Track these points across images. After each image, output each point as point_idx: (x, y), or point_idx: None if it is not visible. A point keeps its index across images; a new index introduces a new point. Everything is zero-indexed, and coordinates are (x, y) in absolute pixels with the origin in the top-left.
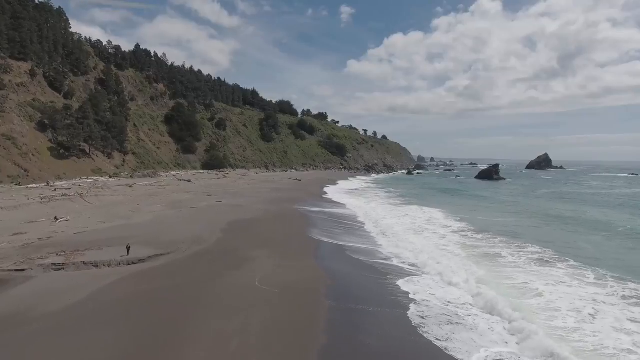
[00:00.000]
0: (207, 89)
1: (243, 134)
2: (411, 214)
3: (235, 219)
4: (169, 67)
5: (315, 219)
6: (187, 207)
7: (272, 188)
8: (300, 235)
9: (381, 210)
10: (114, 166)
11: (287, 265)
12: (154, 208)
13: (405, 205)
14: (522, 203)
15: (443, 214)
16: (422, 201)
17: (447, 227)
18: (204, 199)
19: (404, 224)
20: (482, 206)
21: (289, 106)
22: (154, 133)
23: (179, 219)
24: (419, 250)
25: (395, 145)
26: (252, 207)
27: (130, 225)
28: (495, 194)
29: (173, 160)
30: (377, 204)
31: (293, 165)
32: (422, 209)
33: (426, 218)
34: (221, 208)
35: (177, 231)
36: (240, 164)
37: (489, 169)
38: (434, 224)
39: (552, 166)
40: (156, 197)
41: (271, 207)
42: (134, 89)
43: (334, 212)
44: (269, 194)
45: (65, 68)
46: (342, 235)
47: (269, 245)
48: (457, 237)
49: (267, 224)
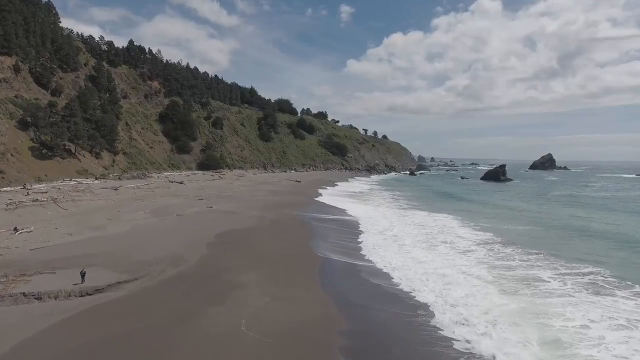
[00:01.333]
0: (204, 86)
1: (241, 133)
2: (422, 222)
3: (226, 229)
4: (164, 64)
5: (318, 228)
6: (173, 214)
7: (270, 190)
8: (302, 250)
9: (389, 217)
10: (102, 167)
11: (285, 296)
12: (135, 215)
13: (414, 210)
14: (542, 209)
15: (457, 222)
16: (431, 206)
17: (465, 238)
18: (194, 203)
19: (415, 234)
20: (498, 212)
21: (288, 105)
22: (147, 132)
23: (160, 229)
24: (436, 273)
25: (395, 145)
26: (246, 213)
27: (101, 239)
28: (507, 197)
29: (167, 161)
30: (383, 209)
31: (292, 166)
32: (432, 215)
33: (439, 227)
34: (211, 215)
35: (154, 246)
36: (238, 164)
37: (496, 169)
38: (449, 233)
39: (555, 166)
40: (141, 202)
41: (268, 214)
42: (127, 86)
43: (338, 219)
44: (266, 198)
45: (53, 64)
46: (351, 250)
47: (263, 265)
48: (480, 252)
49: (263, 236)
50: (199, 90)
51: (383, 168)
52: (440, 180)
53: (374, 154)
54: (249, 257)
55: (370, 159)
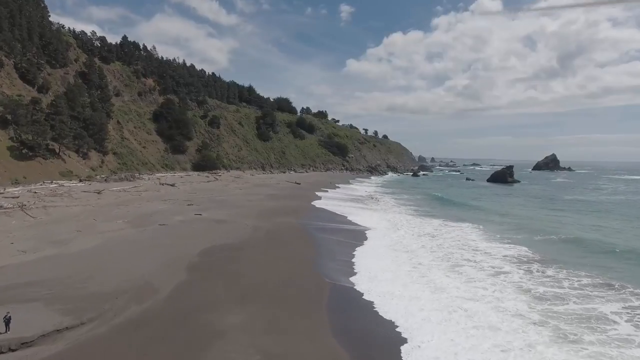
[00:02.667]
0: (201, 84)
1: (238, 132)
2: (437, 233)
3: (213, 244)
4: (160, 61)
5: (322, 242)
6: (156, 223)
7: (267, 194)
8: (304, 273)
9: (399, 226)
10: (89, 168)
11: (281, 351)
12: (110, 225)
13: (425, 217)
14: (565, 217)
15: (478, 233)
16: (444, 212)
17: (492, 254)
18: (182, 210)
19: (430, 248)
20: (520, 221)
21: (288, 104)
22: (140, 131)
23: (135, 245)
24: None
25: (396, 145)
26: (239, 222)
27: (59, 259)
28: (522, 202)
29: (160, 161)
30: (392, 216)
31: (292, 166)
32: (447, 224)
33: (457, 239)
34: (199, 225)
35: (121, 270)
36: (235, 164)
37: (503, 171)
38: (471, 248)
39: (559, 167)
40: (123, 208)
41: (264, 223)
42: (120, 83)
43: (343, 229)
44: (262, 203)
45: (40, 59)
46: (364, 272)
47: (254, 298)
48: (516, 275)
49: (256, 253)
50: (196, 88)
51: (385, 169)
52: (445, 182)
53: (375, 154)
54: (237, 285)
55: (372, 160)
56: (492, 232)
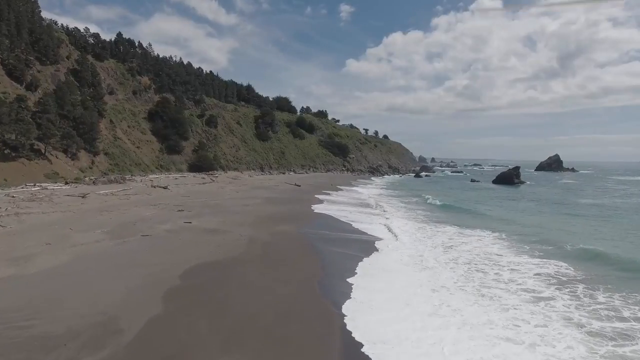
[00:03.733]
0: (198, 83)
1: (236, 132)
2: (454, 243)
3: (199, 261)
4: (155, 58)
5: (327, 256)
6: (138, 234)
7: (266, 198)
8: (309, 301)
9: (411, 234)
10: (78, 169)
11: None
12: (87, 236)
13: (438, 224)
14: (591, 227)
15: (501, 243)
16: (457, 218)
17: (522, 272)
18: (171, 217)
19: (449, 262)
20: (542, 229)
21: (287, 103)
22: (134, 130)
23: (109, 262)
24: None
25: (397, 145)
26: (232, 232)
27: (12, 281)
28: (536, 206)
29: (155, 162)
30: (402, 223)
31: (291, 167)
32: (464, 232)
33: (477, 252)
34: (186, 236)
35: (83, 299)
36: (233, 165)
37: (509, 172)
38: (498, 262)
39: (563, 168)
40: (107, 215)
41: (261, 233)
42: (113, 81)
43: (351, 238)
44: (260, 208)
45: (29, 55)
46: (376, 300)
47: (244, 340)
48: (560, 301)
49: (250, 273)
50: (193, 87)
51: (386, 169)
52: (450, 183)
53: (376, 154)
54: (224, 320)
55: (373, 160)
56: (513, 242)
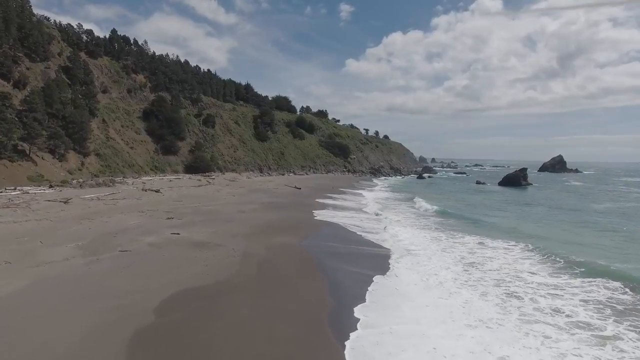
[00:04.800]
0: (195, 81)
1: (234, 132)
2: (478, 259)
3: (182, 287)
4: (151, 56)
5: (336, 276)
6: (117, 248)
7: (263, 203)
8: (318, 347)
9: (426, 246)
10: (65, 171)
11: None
12: (56, 252)
13: (455, 233)
14: (627, 234)
15: (528, 259)
16: (474, 226)
17: (563, 297)
18: (158, 226)
19: (479, 287)
20: (569, 240)
21: (287, 102)
22: (128, 130)
23: (71, 289)
24: None
25: (397, 145)
26: (224, 246)
27: None
28: (550, 212)
29: (149, 163)
30: (414, 233)
31: (291, 168)
32: (485, 243)
33: (507, 269)
34: (171, 252)
35: (22, 351)
36: (231, 166)
37: (516, 174)
38: (533, 286)
39: (567, 169)
40: (86, 224)
41: (257, 247)
42: (107, 79)
43: (359, 251)
44: (257, 215)
45: (18, 52)
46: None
47: None
48: (628, 342)
49: (243, 304)
50: (190, 85)
51: (388, 170)
52: (455, 185)
53: (377, 155)
54: None
55: (375, 161)
56: (542, 257)
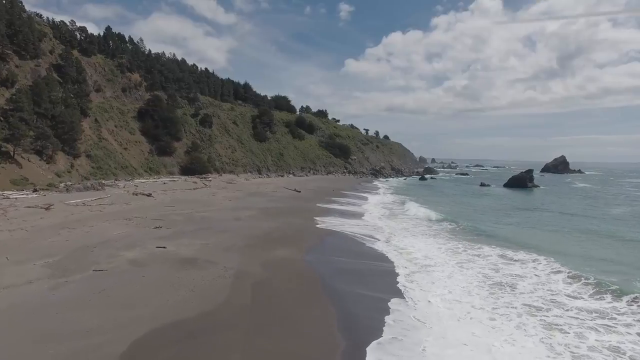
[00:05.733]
0: (192, 80)
1: (232, 132)
2: (504, 279)
3: (158, 324)
4: (147, 54)
5: (346, 301)
6: (92, 267)
7: (261, 208)
8: None
9: (442, 260)
10: (53, 173)
11: None
12: (21, 272)
13: (471, 244)
14: None
15: (562, 279)
16: (486, 235)
17: (620, 331)
18: (143, 237)
19: (513, 318)
20: (600, 254)
21: (286, 102)
22: (122, 130)
23: (23, 327)
24: None
25: (398, 145)
26: (215, 263)
27: None
28: (565, 218)
29: (144, 164)
30: (426, 242)
31: (290, 169)
32: (507, 255)
33: (539, 292)
34: (152, 273)
35: None
36: (228, 167)
37: (522, 175)
38: (573, 314)
39: (569, 170)
40: (64, 235)
41: (252, 264)
42: (101, 78)
43: (368, 268)
44: (254, 223)
45: (6, 49)
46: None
47: None
48: None
49: (234, 349)
50: (186, 84)
51: (389, 171)
52: (459, 187)
53: (378, 155)
54: None
55: (376, 162)
56: (571, 272)
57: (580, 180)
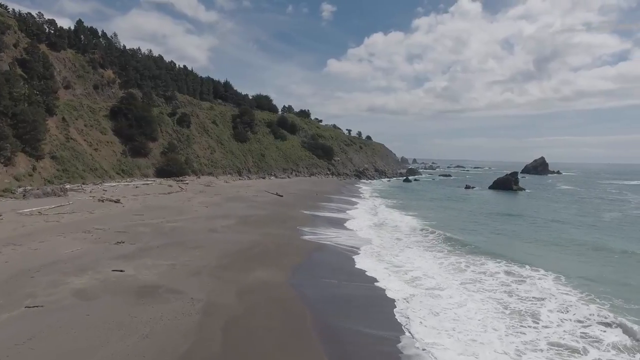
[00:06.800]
0: (169, 78)
1: (212, 132)
2: (522, 306)
3: None
4: (121, 50)
5: (344, 340)
6: (25, 301)
7: (240, 217)
8: None
9: (447, 280)
10: (11, 177)
11: None
12: None
13: (469, 255)
14: None
15: (571, 291)
16: (485, 246)
17: None
18: (100, 256)
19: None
20: (613, 277)
21: (268, 101)
22: (93, 130)
23: None
24: None
25: (380, 146)
26: (181, 293)
27: None
28: (558, 225)
29: (116, 166)
30: (422, 257)
31: (272, 171)
32: (513, 272)
33: (570, 326)
34: (102, 307)
35: None
36: (207, 169)
37: (507, 178)
38: (602, 351)
39: (549, 171)
40: (6, 253)
41: (226, 293)
42: (71, 74)
43: (361, 294)
44: (231, 235)
45: None
46: None
47: None
48: None
49: None
50: (163, 82)
51: (373, 173)
52: (445, 190)
53: (362, 157)
54: None
55: (359, 163)
56: (584, 295)
57: (561, 181)
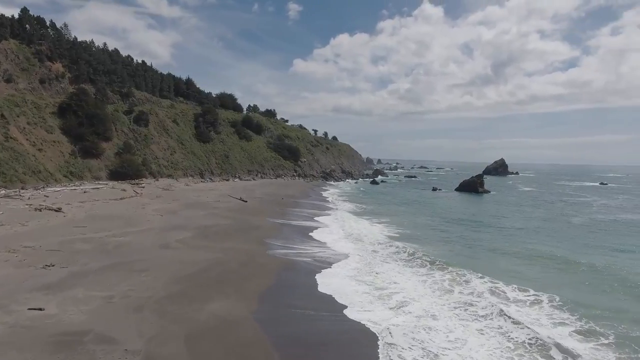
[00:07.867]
0: (126, 73)
1: (172, 132)
2: (521, 334)
3: None
4: (72, 42)
5: None
6: None
7: (199, 228)
8: None
9: (435, 305)
10: None
11: None
12: None
13: (452, 269)
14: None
15: (564, 320)
16: (463, 257)
17: None
18: (17, 287)
19: None
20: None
21: (232, 100)
22: (37, 128)
23: None
24: None
25: (346, 147)
26: (114, 338)
27: None
28: (528, 232)
29: (63, 168)
30: (401, 270)
31: (236, 173)
32: (496, 289)
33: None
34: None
35: None
36: (167, 171)
37: (473, 180)
38: None
39: (508, 172)
40: None
41: (174, 337)
42: (13, 66)
43: (344, 327)
44: (187, 253)
45: None
46: None
47: None
48: None
49: None
50: (119, 78)
51: (340, 174)
52: (413, 192)
53: (329, 158)
54: None
55: (326, 164)
56: (580, 320)
57: (521, 183)
